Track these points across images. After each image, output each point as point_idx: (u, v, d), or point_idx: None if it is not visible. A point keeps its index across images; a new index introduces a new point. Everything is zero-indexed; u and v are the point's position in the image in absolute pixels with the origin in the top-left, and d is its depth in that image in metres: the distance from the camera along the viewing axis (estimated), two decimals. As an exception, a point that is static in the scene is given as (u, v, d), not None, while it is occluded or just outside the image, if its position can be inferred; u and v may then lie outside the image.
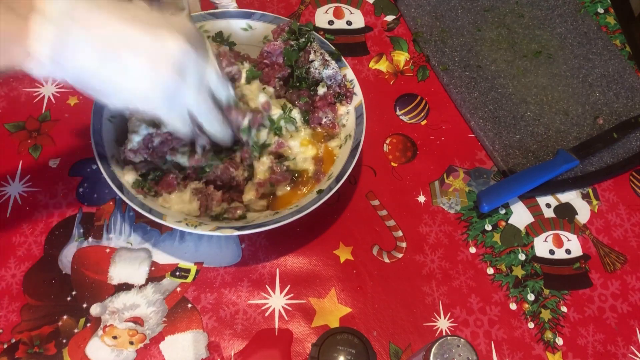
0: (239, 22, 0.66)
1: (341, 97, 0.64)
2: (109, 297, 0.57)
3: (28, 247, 0.59)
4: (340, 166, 0.59)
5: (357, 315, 0.59)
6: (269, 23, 0.66)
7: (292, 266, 0.61)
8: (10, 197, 0.62)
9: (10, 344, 0.54)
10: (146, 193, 0.57)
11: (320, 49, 0.63)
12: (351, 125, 0.62)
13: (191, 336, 0.56)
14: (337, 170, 0.59)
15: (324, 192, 0.57)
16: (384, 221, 0.64)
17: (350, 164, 0.58)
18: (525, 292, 0.61)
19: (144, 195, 0.57)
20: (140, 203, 0.55)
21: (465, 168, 0.69)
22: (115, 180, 0.55)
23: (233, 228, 0.54)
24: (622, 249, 0.65)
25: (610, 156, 0.70)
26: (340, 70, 0.64)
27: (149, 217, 0.54)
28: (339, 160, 0.61)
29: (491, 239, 0.64)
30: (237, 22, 0.66)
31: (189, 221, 0.55)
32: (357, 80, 0.64)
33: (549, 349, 0.59)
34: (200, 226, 0.54)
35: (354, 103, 0.64)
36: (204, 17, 0.65)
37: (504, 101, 0.73)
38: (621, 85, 0.75)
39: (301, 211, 0.55)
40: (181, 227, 0.53)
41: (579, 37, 0.79)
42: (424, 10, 0.80)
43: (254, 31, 0.67)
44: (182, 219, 0.55)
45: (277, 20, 0.66)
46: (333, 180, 0.58)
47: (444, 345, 0.44)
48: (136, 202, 0.55)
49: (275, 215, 0.57)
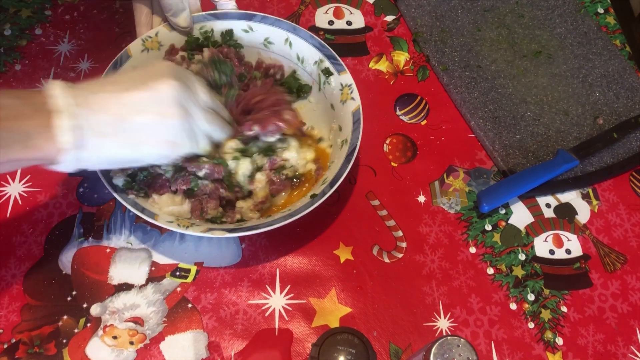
0: (239, 23, 0.66)
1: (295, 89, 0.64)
2: (109, 297, 0.57)
3: (28, 247, 0.59)
4: (335, 171, 0.58)
5: (357, 315, 0.59)
6: (269, 25, 0.66)
7: (292, 266, 0.61)
8: (10, 197, 0.62)
9: (11, 344, 0.54)
10: (136, 194, 0.56)
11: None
12: (348, 130, 0.61)
13: (191, 336, 0.56)
14: (332, 175, 0.58)
15: (317, 197, 0.56)
16: (384, 221, 0.64)
17: (345, 169, 0.57)
18: (525, 292, 0.61)
19: (135, 196, 0.56)
20: (132, 202, 0.55)
21: (465, 168, 0.69)
22: (109, 178, 0.55)
23: (224, 230, 0.54)
24: (622, 249, 0.65)
25: (610, 156, 0.70)
26: (339, 75, 0.64)
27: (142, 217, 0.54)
28: (334, 164, 0.60)
29: (491, 239, 0.64)
30: (238, 23, 0.66)
31: (180, 222, 0.54)
32: (355, 85, 0.63)
33: (549, 349, 0.59)
34: (192, 227, 0.54)
35: (351, 108, 0.62)
36: (205, 18, 0.65)
37: (504, 101, 0.73)
38: (621, 85, 0.75)
39: (293, 215, 0.54)
40: (172, 227, 0.53)
41: (579, 37, 0.79)
42: (424, 10, 0.80)
43: (254, 33, 0.67)
44: (174, 219, 0.55)
45: (277, 23, 0.66)
46: (327, 185, 0.57)
47: (444, 345, 0.44)
48: (129, 200, 0.55)
49: (267, 218, 0.56)
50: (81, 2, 0.76)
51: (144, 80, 0.47)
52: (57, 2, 0.76)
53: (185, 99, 0.49)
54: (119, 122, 0.45)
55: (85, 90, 0.45)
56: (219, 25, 0.66)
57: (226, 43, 0.66)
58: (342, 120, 0.63)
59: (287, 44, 0.66)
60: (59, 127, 0.42)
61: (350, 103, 0.62)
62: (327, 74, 0.65)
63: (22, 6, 0.75)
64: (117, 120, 0.45)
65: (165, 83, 0.47)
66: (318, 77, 0.66)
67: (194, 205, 0.57)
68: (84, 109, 0.44)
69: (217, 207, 0.57)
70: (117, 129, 0.45)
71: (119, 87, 0.46)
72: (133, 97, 0.46)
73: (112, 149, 0.46)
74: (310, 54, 0.66)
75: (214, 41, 0.66)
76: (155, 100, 0.47)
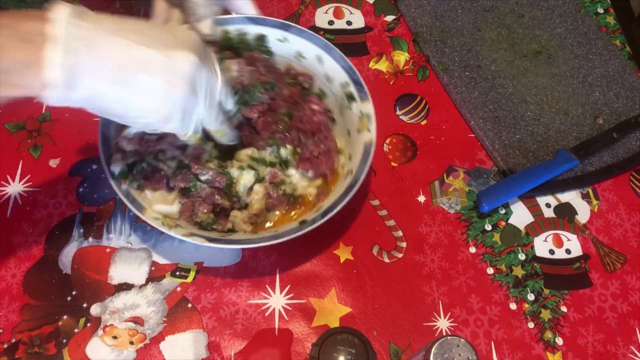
0: (275, 31, 0.64)
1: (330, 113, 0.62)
2: (109, 297, 0.57)
3: (28, 247, 0.59)
4: (332, 200, 0.56)
5: (357, 315, 0.59)
6: (304, 39, 0.64)
7: (292, 266, 0.61)
8: (10, 197, 0.62)
9: (10, 344, 0.54)
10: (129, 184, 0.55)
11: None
12: (356, 161, 0.58)
13: (191, 336, 0.56)
14: (328, 204, 0.55)
15: (306, 224, 0.54)
16: (384, 221, 0.64)
17: (341, 202, 0.55)
18: (525, 292, 0.61)
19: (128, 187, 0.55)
20: (125, 191, 0.54)
21: (465, 168, 0.69)
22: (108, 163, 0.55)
23: (204, 238, 0.53)
24: (622, 249, 0.65)
25: (610, 156, 0.70)
26: (362, 102, 0.61)
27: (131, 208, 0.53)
28: (333, 193, 0.58)
29: (491, 238, 0.64)
30: (274, 31, 0.64)
31: (165, 221, 0.54)
32: (375, 118, 0.59)
33: (549, 349, 0.59)
34: (176, 229, 0.53)
35: (365, 139, 0.58)
36: (243, 21, 0.64)
37: (504, 101, 0.73)
38: (621, 85, 0.75)
39: (278, 238, 0.53)
40: (157, 224, 0.53)
41: (579, 37, 0.79)
42: (424, 10, 0.80)
43: (288, 44, 0.64)
44: (160, 217, 0.54)
45: (312, 38, 0.64)
46: (319, 214, 0.55)
47: (444, 345, 0.44)
48: (123, 190, 0.54)
49: (253, 235, 0.56)
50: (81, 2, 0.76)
51: (167, 44, 0.44)
52: (57, 2, 0.76)
53: (198, 78, 0.46)
54: (121, 72, 0.42)
55: (98, 24, 0.41)
56: (254, 30, 0.64)
57: (258, 48, 0.64)
58: (353, 149, 0.60)
59: (318, 61, 0.64)
60: (48, 59, 0.38)
61: (365, 134, 0.59)
62: (350, 99, 0.62)
63: (22, 6, 0.75)
64: (119, 70, 0.42)
65: (186, 56, 0.45)
66: (342, 100, 0.63)
67: (185, 205, 0.57)
68: (87, 47, 0.40)
69: (209, 212, 0.57)
70: (116, 79, 0.42)
71: (138, 39, 0.42)
72: (148, 55, 0.43)
73: (103, 96, 0.42)
74: (338, 75, 0.63)
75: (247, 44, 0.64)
76: (169, 67, 0.44)
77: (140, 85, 0.43)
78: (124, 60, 0.42)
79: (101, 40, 0.41)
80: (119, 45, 0.41)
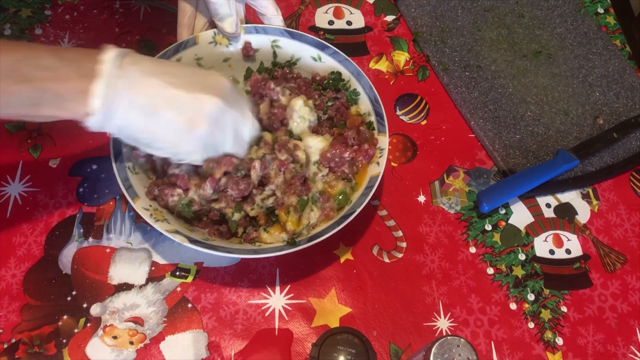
0: (310, 49, 0.64)
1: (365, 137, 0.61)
2: (109, 297, 0.57)
3: (28, 247, 0.59)
4: (324, 226, 0.55)
5: (357, 315, 0.59)
6: (338, 62, 0.64)
7: (292, 266, 0.61)
8: (10, 197, 0.62)
9: (10, 344, 0.54)
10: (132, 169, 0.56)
11: None
12: (357, 192, 0.57)
13: (191, 336, 0.56)
14: (319, 229, 0.54)
15: (292, 245, 0.53)
16: (384, 221, 0.64)
17: (331, 230, 0.53)
18: (525, 292, 0.61)
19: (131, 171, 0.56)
20: (124, 176, 0.54)
21: (465, 168, 0.69)
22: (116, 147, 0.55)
23: (186, 238, 0.52)
24: (622, 249, 0.65)
25: (610, 156, 0.70)
26: (378, 135, 0.60)
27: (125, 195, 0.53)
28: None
29: (491, 239, 0.64)
30: (309, 49, 0.64)
31: (154, 212, 0.54)
32: (387, 152, 0.58)
33: (549, 349, 0.59)
34: (162, 222, 0.53)
35: (372, 172, 0.57)
36: (281, 33, 0.64)
37: (504, 101, 0.73)
38: (621, 85, 0.75)
39: (259, 253, 0.53)
40: (145, 215, 0.52)
41: (579, 37, 0.79)
42: (424, 10, 0.80)
43: (322, 64, 0.64)
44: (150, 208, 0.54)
45: (346, 63, 0.63)
46: (306, 238, 0.54)
47: (444, 345, 0.44)
48: (122, 174, 0.54)
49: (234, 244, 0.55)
50: (81, 2, 0.76)
51: (195, 87, 0.49)
52: (57, 2, 0.76)
53: (222, 119, 0.51)
54: (151, 107, 0.47)
55: (137, 65, 0.47)
56: (289, 44, 0.64)
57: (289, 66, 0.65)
58: (359, 179, 0.59)
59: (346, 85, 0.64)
60: (92, 92, 0.45)
61: (373, 166, 0.58)
62: (369, 129, 0.61)
63: (22, 6, 0.75)
64: (149, 106, 0.47)
65: (211, 99, 0.49)
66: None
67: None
68: (125, 84, 0.46)
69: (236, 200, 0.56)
70: (146, 113, 0.47)
71: (170, 80, 0.48)
72: (176, 95, 0.48)
73: (134, 126, 0.48)
74: (363, 103, 0.63)
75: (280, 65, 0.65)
76: (194, 107, 0.49)
77: (166, 120, 0.48)
78: (154, 98, 0.48)
79: (137, 79, 0.47)
80: (152, 85, 0.47)
